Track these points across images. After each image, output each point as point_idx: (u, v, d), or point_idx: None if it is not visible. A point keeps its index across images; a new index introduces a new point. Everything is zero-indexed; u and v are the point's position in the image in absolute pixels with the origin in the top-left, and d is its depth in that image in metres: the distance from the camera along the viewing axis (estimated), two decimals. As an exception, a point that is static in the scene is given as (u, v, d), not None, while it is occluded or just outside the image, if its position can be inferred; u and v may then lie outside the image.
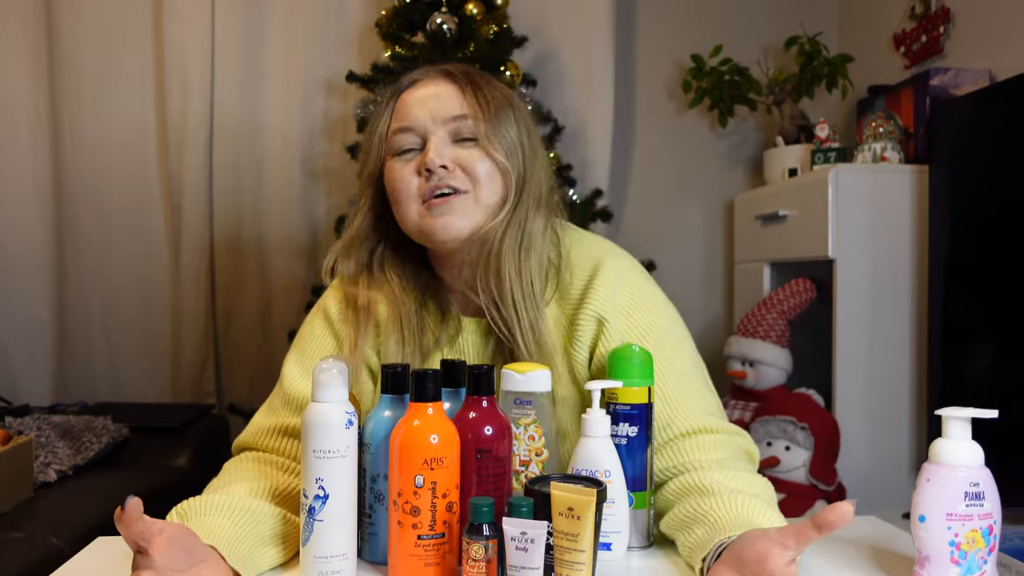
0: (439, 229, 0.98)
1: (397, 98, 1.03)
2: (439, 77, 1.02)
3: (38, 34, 2.69)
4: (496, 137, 0.99)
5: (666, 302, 1.07)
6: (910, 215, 2.13)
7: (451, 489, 0.84)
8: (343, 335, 1.05)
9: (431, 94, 1.00)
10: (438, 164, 0.97)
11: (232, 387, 2.76)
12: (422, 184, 0.98)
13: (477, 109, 0.99)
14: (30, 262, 2.72)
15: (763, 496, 0.90)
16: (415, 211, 0.99)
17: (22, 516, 1.51)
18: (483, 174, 0.99)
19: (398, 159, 1.01)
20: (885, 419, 2.13)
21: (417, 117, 0.99)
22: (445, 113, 0.99)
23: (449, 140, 0.99)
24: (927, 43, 2.40)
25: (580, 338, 1.01)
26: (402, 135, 1.00)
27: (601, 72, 2.75)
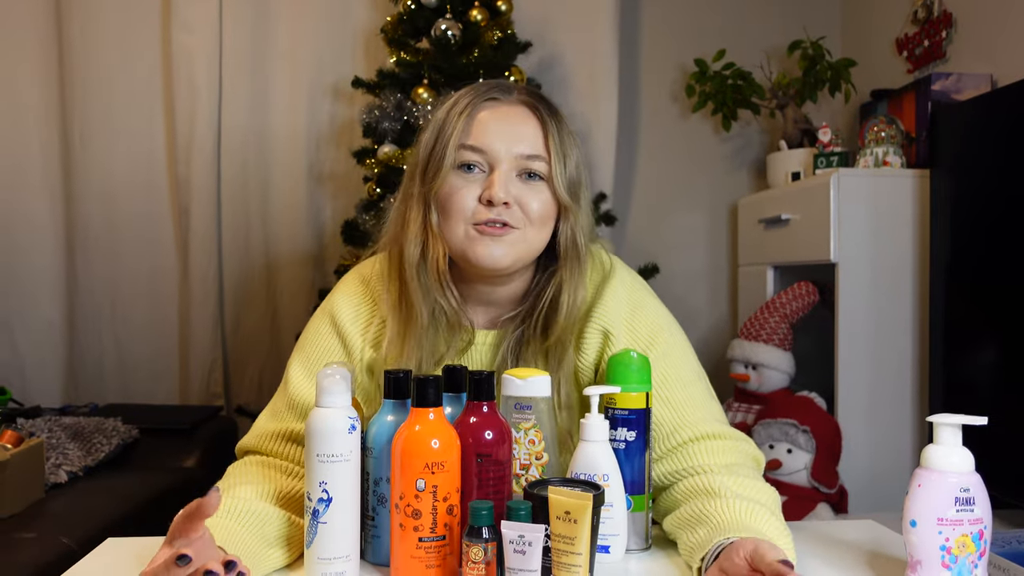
0: (484, 257, 0.98)
1: (473, 112, 1.01)
2: (520, 104, 1.02)
3: (49, 42, 2.72)
4: (563, 177, 1.00)
5: (668, 315, 1.10)
6: (912, 219, 2.14)
7: (452, 493, 0.86)
8: (352, 339, 1.07)
9: (510, 123, 1.00)
10: (502, 200, 0.97)
11: (240, 389, 2.78)
12: (479, 210, 0.99)
13: (553, 152, 0.99)
14: (40, 265, 2.75)
15: (768, 505, 0.92)
16: (463, 231, 0.99)
17: (33, 517, 1.53)
18: (538, 215, 1.00)
19: (459, 174, 1.00)
20: (887, 422, 2.14)
21: (492, 144, 0.99)
22: (521, 150, 0.99)
23: (515, 174, 0.99)
24: (929, 48, 2.41)
25: (586, 350, 1.05)
26: (471, 153, 0.99)
27: (605, 77, 2.76)
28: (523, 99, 1.02)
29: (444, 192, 1.00)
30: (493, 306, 1.08)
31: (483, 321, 1.09)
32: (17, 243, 2.74)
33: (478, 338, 1.08)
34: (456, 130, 0.99)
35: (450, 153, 0.99)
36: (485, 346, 1.08)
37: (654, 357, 1.02)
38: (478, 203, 0.99)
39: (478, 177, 1.00)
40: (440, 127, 1.01)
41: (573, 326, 1.04)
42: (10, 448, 1.54)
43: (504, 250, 0.99)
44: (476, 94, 1.02)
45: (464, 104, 1.01)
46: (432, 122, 1.04)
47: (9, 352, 2.75)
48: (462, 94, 1.03)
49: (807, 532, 1.04)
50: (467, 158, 0.99)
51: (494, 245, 0.98)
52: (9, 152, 2.73)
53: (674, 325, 1.09)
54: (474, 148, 0.99)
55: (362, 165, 2.39)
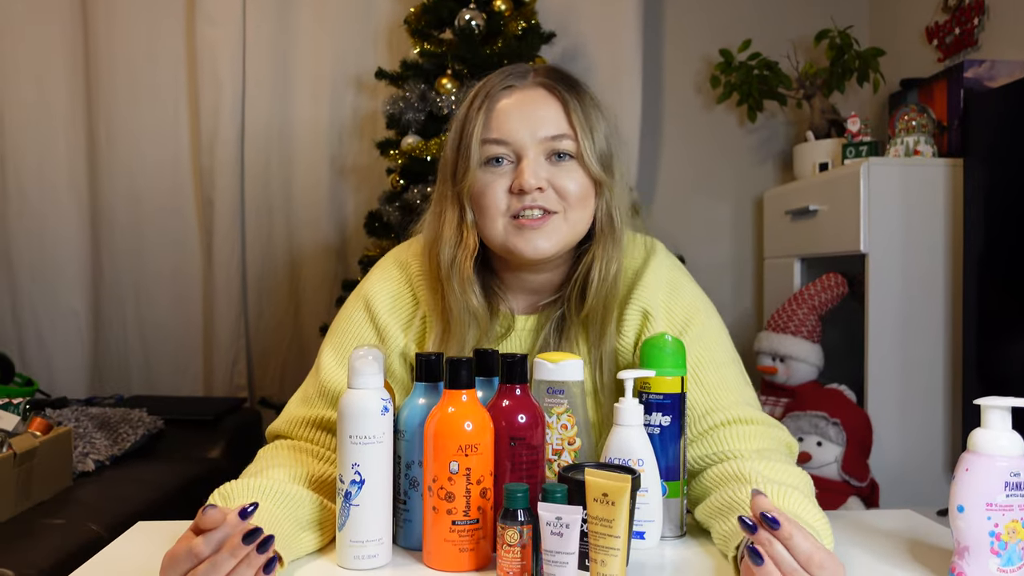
0: (528, 250, 0.97)
1: (491, 104, 0.99)
2: (537, 87, 1.00)
3: (75, 38, 2.74)
4: (593, 152, 0.98)
5: (704, 298, 1.09)
6: (944, 209, 2.10)
7: (485, 475, 0.85)
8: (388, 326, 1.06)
9: (530, 108, 0.98)
10: (534, 187, 0.96)
11: (264, 381, 2.79)
12: (512, 202, 0.97)
13: (578, 127, 0.97)
14: (67, 258, 2.78)
15: (802, 488, 0.90)
16: (501, 226, 0.98)
17: (62, 504, 1.54)
18: (575, 195, 0.98)
19: (487, 170, 0.98)
20: (919, 415, 2.10)
21: (514, 132, 0.97)
22: (545, 132, 0.97)
23: (543, 158, 0.98)
24: (961, 35, 2.36)
25: (625, 331, 1.04)
26: (495, 147, 0.98)
27: (629, 68, 2.74)
28: (540, 81, 1.00)
29: (476, 190, 0.99)
30: (534, 293, 1.08)
31: (523, 307, 1.08)
32: (45, 237, 2.77)
33: (518, 324, 1.07)
34: (477, 125, 0.98)
35: (474, 149, 0.98)
36: (525, 331, 1.07)
37: (689, 339, 1.01)
38: (510, 194, 0.98)
39: (507, 169, 0.98)
40: (463, 124, 1.00)
41: (611, 301, 1.02)
42: (39, 436, 1.54)
43: (546, 239, 0.98)
44: (492, 85, 1.01)
45: (482, 97, 1.00)
46: (456, 120, 1.03)
47: (36, 345, 2.78)
48: (480, 87, 1.02)
49: (844, 521, 1.02)
50: (492, 152, 0.98)
51: (536, 236, 0.97)
52: (37, 146, 2.75)
53: (710, 308, 1.08)
54: (497, 140, 0.98)
55: (385, 157, 2.38)
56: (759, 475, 0.89)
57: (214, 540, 0.71)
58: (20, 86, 2.74)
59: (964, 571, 0.78)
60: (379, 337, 1.06)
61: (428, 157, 2.20)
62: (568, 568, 0.74)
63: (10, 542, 1.32)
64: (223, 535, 0.72)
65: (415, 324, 1.06)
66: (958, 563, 0.79)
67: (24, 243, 2.76)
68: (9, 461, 1.41)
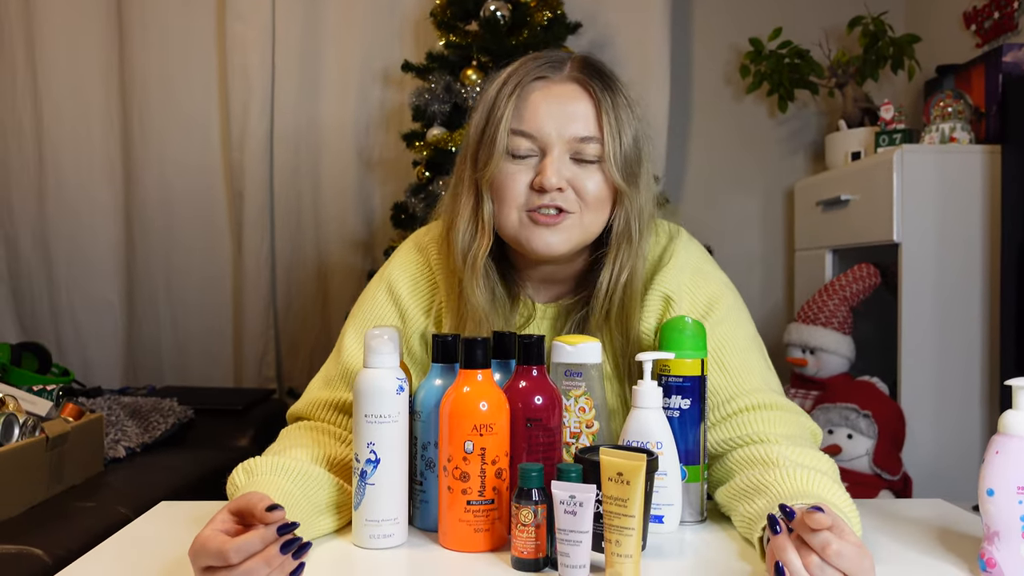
0: (539, 245, 0.96)
1: (522, 93, 0.97)
2: (571, 82, 0.97)
3: (110, 35, 2.80)
4: (620, 157, 0.95)
5: (728, 282, 1.07)
6: (981, 197, 2.05)
7: (500, 456, 0.84)
8: (409, 308, 1.06)
9: (561, 105, 0.95)
10: (556, 186, 0.94)
11: (292, 372, 2.82)
12: (532, 197, 0.96)
13: (607, 131, 0.95)
14: (102, 250, 2.83)
15: (829, 473, 0.88)
16: (516, 218, 0.97)
17: (93, 488, 1.57)
18: (594, 198, 0.96)
19: (511, 160, 0.97)
20: (954, 408, 2.05)
21: (543, 128, 0.95)
22: (574, 132, 0.95)
23: (568, 157, 0.96)
24: (1001, 19, 2.29)
25: (647, 316, 1.02)
26: (521, 139, 0.96)
27: (657, 58, 2.71)
28: (575, 75, 0.98)
29: (497, 180, 0.97)
30: (553, 283, 1.07)
31: (543, 296, 1.08)
32: (82, 229, 2.83)
33: (538, 312, 1.06)
34: (506, 114, 0.96)
35: (501, 138, 0.96)
36: (546, 320, 1.06)
37: (712, 323, 0.99)
38: (530, 189, 0.96)
39: (530, 162, 0.97)
40: (490, 109, 0.98)
41: (630, 304, 1.00)
42: (71, 421, 1.57)
43: (559, 238, 0.96)
44: (525, 72, 0.98)
45: (514, 84, 0.97)
46: (482, 101, 1.00)
47: (73, 336, 2.84)
48: (512, 71, 0.99)
49: (873, 509, 1.00)
50: (517, 144, 0.96)
51: (549, 234, 0.96)
52: (73, 142, 2.81)
53: (734, 292, 1.06)
54: (525, 133, 0.96)
55: (411, 149, 2.39)
56: (786, 459, 0.88)
57: (245, 551, 0.69)
58: (58, 82, 2.80)
59: (994, 557, 0.75)
60: (401, 319, 1.06)
61: (453, 148, 2.21)
62: (582, 547, 0.73)
63: (42, 523, 1.35)
64: (256, 547, 0.70)
65: (436, 306, 1.06)
66: (988, 549, 0.76)
67: (61, 236, 2.83)
68: (41, 445, 1.44)
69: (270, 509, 0.71)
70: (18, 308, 2.87)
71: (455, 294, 1.02)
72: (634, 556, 0.73)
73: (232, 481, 0.87)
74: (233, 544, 0.69)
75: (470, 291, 1.00)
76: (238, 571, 0.69)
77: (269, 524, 0.71)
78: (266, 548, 0.70)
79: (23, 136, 2.82)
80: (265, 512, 0.71)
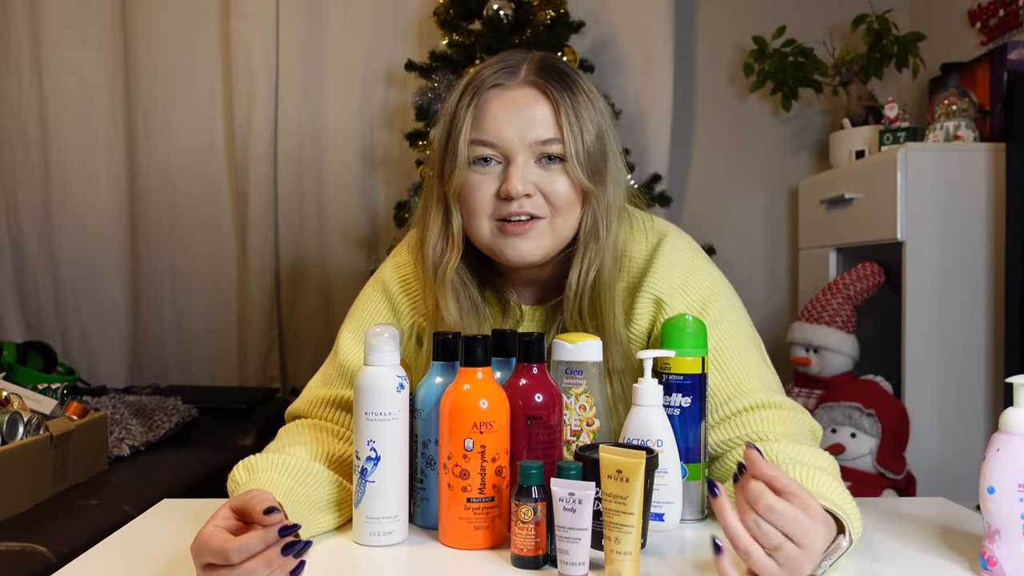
0: (511, 253, 0.96)
1: (479, 102, 0.96)
2: (527, 86, 0.96)
3: (115, 34, 2.81)
4: (583, 156, 0.94)
5: (722, 279, 1.06)
6: (985, 195, 2.04)
7: (500, 454, 0.84)
8: (401, 307, 1.06)
9: (519, 110, 0.94)
10: (522, 193, 0.93)
11: (296, 372, 2.83)
12: (499, 205, 0.95)
13: (568, 131, 0.94)
14: (108, 249, 2.85)
15: (828, 470, 0.87)
16: (487, 228, 0.97)
17: (97, 486, 1.58)
18: (563, 201, 0.95)
19: (475, 170, 0.96)
20: (958, 407, 2.04)
21: (502, 136, 0.94)
22: (534, 136, 0.94)
23: (532, 161, 0.95)
24: (1005, 17, 2.29)
25: (638, 320, 1.02)
26: (483, 148, 0.95)
27: (660, 57, 2.71)
28: (530, 79, 0.96)
29: (463, 191, 0.97)
30: (536, 285, 1.06)
31: (530, 299, 1.07)
32: (87, 229, 2.84)
33: (526, 316, 1.06)
34: (465, 124, 0.95)
35: (462, 150, 0.95)
36: (534, 323, 1.06)
37: (708, 322, 0.99)
38: (497, 198, 0.95)
39: (495, 169, 0.96)
40: (450, 120, 0.97)
41: (603, 302, 0.99)
42: (75, 419, 1.58)
43: (532, 245, 0.96)
44: (481, 81, 0.97)
45: (471, 94, 0.96)
46: (443, 113, 0.99)
47: (78, 335, 2.86)
48: (469, 80, 0.98)
49: (875, 507, 1.00)
50: (480, 152, 0.95)
51: (521, 242, 0.95)
52: (78, 141, 2.83)
53: (729, 290, 1.05)
54: (485, 142, 0.95)
55: (414, 148, 2.39)
56: (785, 456, 0.87)
57: (246, 551, 0.69)
58: (62, 81, 2.81)
59: (995, 555, 0.75)
60: (396, 318, 1.07)
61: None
62: (581, 544, 0.73)
63: (46, 521, 1.35)
64: (257, 548, 0.70)
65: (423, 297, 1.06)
66: (988, 547, 0.76)
67: (67, 236, 2.84)
68: (46, 443, 1.45)
69: (268, 512, 0.71)
70: (24, 307, 2.88)
71: (432, 308, 1.02)
72: (633, 554, 0.73)
73: (233, 478, 0.87)
74: (234, 544, 0.69)
75: (443, 307, 0.99)
76: (239, 571, 0.69)
77: (267, 527, 0.71)
78: (267, 549, 0.70)
79: (29, 139, 2.83)
80: (262, 515, 0.71)
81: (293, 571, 0.72)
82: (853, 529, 0.77)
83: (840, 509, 0.77)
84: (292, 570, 0.72)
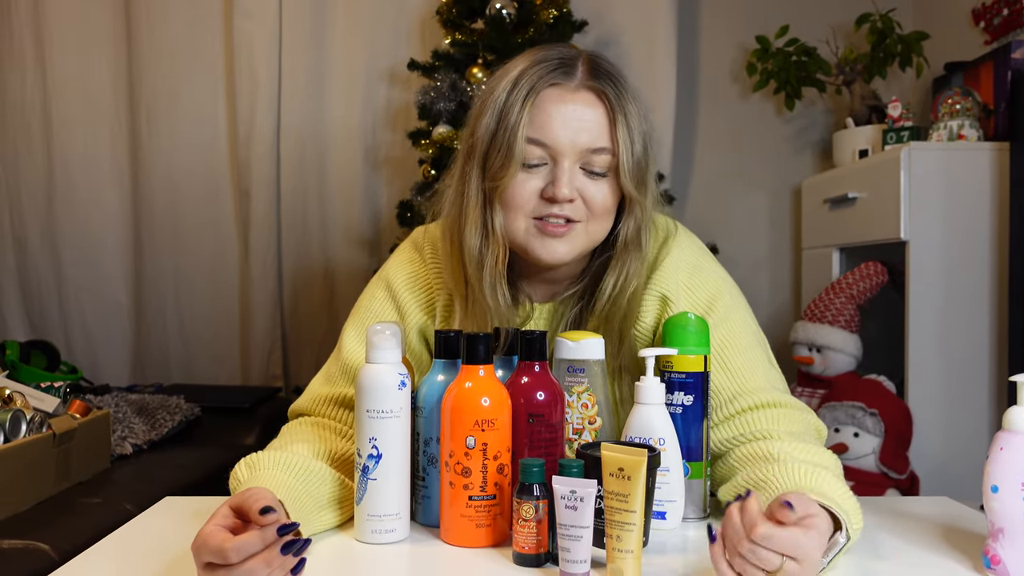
0: (545, 254, 0.96)
1: (536, 100, 0.94)
2: (584, 90, 0.95)
3: (118, 32, 2.81)
4: (631, 164, 0.95)
5: (728, 278, 1.07)
6: (989, 194, 2.03)
7: (502, 452, 0.84)
8: (406, 305, 1.06)
9: (576, 114, 0.94)
10: (568, 198, 0.94)
11: (299, 371, 2.83)
12: (540, 206, 0.95)
13: (621, 142, 0.94)
14: (111, 248, 2.85)
15: (831, 468, 0.87)
16: (523, 225, 0.96)
17: (99, 484, 1.58)
18: (601, 208, 0.96)
19: (522, 168, 0.95)
20: (962, 407, 2.04)
21: (557, 138, 0.93)
22: (586, 143, 0.94)
23: (578, 166, 0.95)
24: (1009, 16, 2.28)
25: (643, 318, 1.02)
26: (534, 147, 0.94)
27: (663, 56, 2.70)
28: (588, 84, 0.95)
29: (509, 187, 0.96)
30: (552, 283, 1.07)
31: (541, 295, 1.07)
32: (91, 227, 2.84)
33: (535, 311, 1.06)
34: (522, 121, 0.93)
35: (519, 148, 0.93)
36: (543, 319, 1.06)
37: (713, 322, 0.99)
38: (540, 198, 0.95)
39: (541, 171, 0.95)
40: (501, 113, 0.95)
41: (630, 311, 1.00)
42: (78, 418, 1.58)
43: (566, 247, 0.96)
44: (538, 77, 0.95)
45: (527, 89, 0.94)
46: (491, 102, 0.96)
47: (81, 335, 2.86)
48: (522, 73, 0.96)
49: (878, 507, 1.00)
50: (533, 153, 0.94)
51: (557, 243, 0.96)
52: (82, 141, 2.83)
53: (734, 289, 1.05)
54: (539, 142, 0.94)
55: (417, 147, 2.39)
56: (788, 455, 0.87)
57: (245, 551, 0.69)
58: (66, 79, 2.82)
59: (998, 554, 0.75)
60: (400, 315, 1.07)
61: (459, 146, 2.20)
62: (582, 542, 0.73)
63: (48, 519, 1.36)
64: (255, 548, 0.69)
65: (435, 304, 1.06)
66: (992, 546, 0.76)
67: (70, 235, 2.84)
68: (48, 441, 1.45)
69: (264, 511, 0.70)
70: (27, 307, 2.89)
71: (462, 298, 1.01)
72: (635, 552, 0.73)
73: (235, 476, 0.87)
74: (233, 544, 0.69)
75: (492, 299, 0.98)
76: (238, 571, 0.69)
77: (263, 527, 0.70)
78: (266, 549, 0.70)
79: (32, 137, 2.84)
80: (259, 516, 0.71)
81: (293, 569, 0.72)
82: (851, 525, 0.77)
83: (837, 506, 0.77)
84: (292, 568, 0.72)
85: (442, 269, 1.04)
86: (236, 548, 0.69)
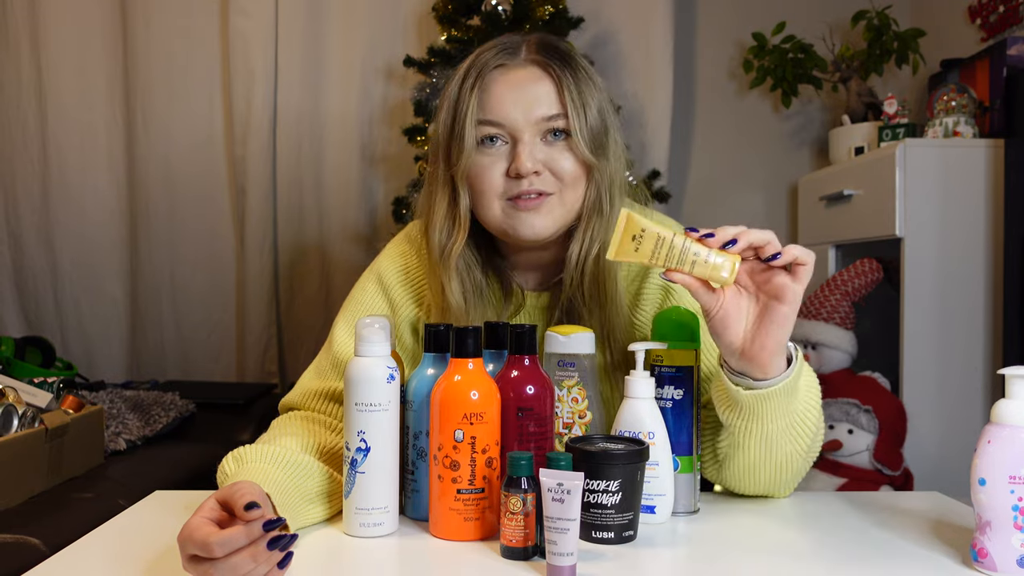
0: (524, 230, 0.96)
1: (483, 84, 0.96)
2: (530, 65, 0.97)
3: (114, 29, 2.80)
4: (587, 131, 0.96)
5: None
6: (984, 191, 2.03)
7: (491, 445, 0.84)
8: (398, 298, 1.06)
9: (524, 89, 0.95)
10: (531, 171, 0.94)
11: (294, 367, 2.82)
12: (509, 185, 0.96)
13: (572, 107, 0.95)
14: (107, 244, 2.84)
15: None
16: (498, 208, 0.97)
17: (92, 480, 1.57)
18: (570, 176, 0.96)
19: (483, 151, 0.97)
20: (956, 404, 2.04)
21: (508, 116, 0.95)
22: (539, 113, 0.95)
23: (538, 139, 0.96)
24: (1005, 13, 2.28)
25: (644, 307, 1.02)
26: (489, 128, 0.96)
27: (660, 53, 2.70)
28: (532, 58, 0.98)
29: (471, 172, 0.97)
30: (542, 269, 1.07)
31: (533, 283, 1.07)
32: (86, 223, 2.84)
33: (528, 301, 1.06)
34: (471, 106, 0.95)
35: (469, 131, 0.95)
36: (537, 308, 1.06)
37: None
38: (507, 177, 0.96)
39: (502, 150, 0.97)
40: (454, 104, 0.98)
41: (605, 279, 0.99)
42: (71, 413, 1.58)
43: (543, 220, 0.97)
44: (484, 62, 0.98)
45: (473, 76, 0.97)
46: (446, 98, 1.00)
47: (77, 331, 2.85)
48: (470, 64, 0.99)
49: (870, 501, 1.00)
50: (487, 132, 0.96)
51: (533, 217, 0.96)
52: (78, 134, 2.82)
53: None
54: (492, 122, 0.96)
55: (413, 143, 2.39)
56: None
57: (230, 546, 0.68)
58: (62, 79, 2.81)
59: (986, 547, 0.75)
60: (391, 309, 1.06)
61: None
62: (569, 535, 0.73)
63: (40, 514, 1.35)
64: (240, 542, 0.69)
65: (425, 298, 1.06)
66: (979, 539, 0.76)
67: (66, 231, 2.83)
68: (40, 436, 1.44)
69: (249, 507, 0.70)
70: (23, 303, 2.88)
71: (438, 292, 1.02)
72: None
73: (222, 469, 0.87)
74: (218, 538, 0.68)
75: (448, 290, 1.00)
76: (223, 565, 0.69)
77: (248, 522, 0.70)
78: (251, 544, 0.70)
79: (28, 132, 2.83)
80: (243, 511, 0.70)
81: (280, 564, 0.72)
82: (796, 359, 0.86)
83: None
84: (279, 562, 0.72)
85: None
86: (221, 542, 0.68)
